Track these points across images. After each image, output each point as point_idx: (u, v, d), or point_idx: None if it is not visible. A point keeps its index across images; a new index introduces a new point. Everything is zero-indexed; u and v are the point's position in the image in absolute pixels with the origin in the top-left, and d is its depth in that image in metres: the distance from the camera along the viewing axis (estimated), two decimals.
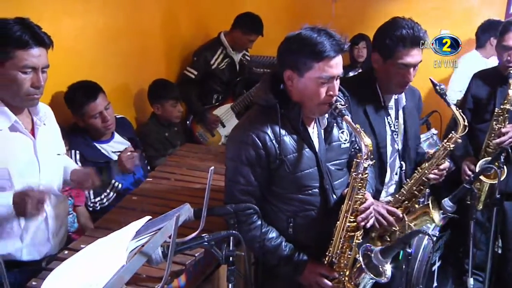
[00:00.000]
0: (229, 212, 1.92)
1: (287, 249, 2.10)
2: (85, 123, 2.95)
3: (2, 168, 2.01)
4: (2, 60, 1.96)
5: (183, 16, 4.42)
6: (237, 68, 4.30)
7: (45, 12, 2.88)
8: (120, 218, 2.29)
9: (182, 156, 3.14)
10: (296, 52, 1.98)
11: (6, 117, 2.04)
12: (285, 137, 2.04)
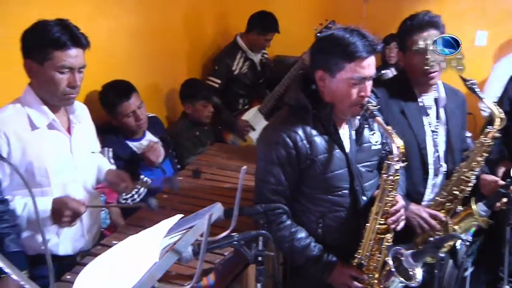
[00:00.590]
0: (259, 212, 1.92)
1: (316, 250, 2.09)
2: (118, 121, 3.01)
3: (40, 165, 2.07)
4: (41, 60, 2.01)
5: (215, 16, 4.46)
6: (259, 69, 4.28)
7: (81, 13, 2.95)
8: (151, 215, 2.32)
9: (212, 155, 3.15)
10: (328, 53, 1.97)
11: (45, 116, 2.10)
12: (316, 138, 2.04)
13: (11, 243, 1.75)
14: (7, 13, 2.50)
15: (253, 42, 4.16)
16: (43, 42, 2.00)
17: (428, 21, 2.29)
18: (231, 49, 4.19)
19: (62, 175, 2.15)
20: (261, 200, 2.06)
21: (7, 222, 1.79)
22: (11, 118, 2.06)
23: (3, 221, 1.78)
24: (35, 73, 2.06)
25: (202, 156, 3.16)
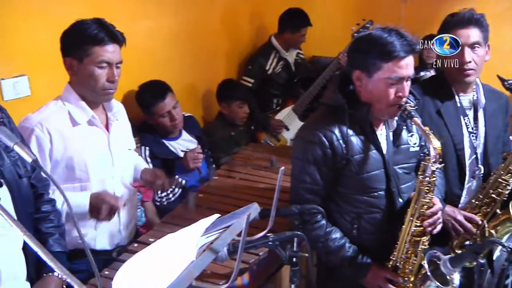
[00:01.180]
0: (294, 212, 1.92)
1: (350, 251, 2.08)
2: (154, 121, 3.04)
3: (80, 160, 2.12)
4: (81, 57, 2.06)
5: (252, 17, 4.46)
6: (293, 69, 4.26)
7: (122, 13, 3.00)
8: (186, 214, 2.35)
9: (247, 155, 3.16)
10: (365, 52, 1.96)
11: (85, 112, 2.14)
12: (352, 137, 2.02)
13: (54, 243, 1.77)
14: (51, 15, 2.57)
15: (289, 42, 4.15)
16: (82, 39, 2.05)
17: (470, 18, 2.24)
18: (265, 49, 4.19)
19: (101, 170, 2.19)
20: (296, 198, 2.07)
21: (52, 222, 1.81)
22: (53, 115, 2.11)
23: (48, 221, 1.80)
24: (75, 70, 2.10)
25: (237, 156, 3.17)
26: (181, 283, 0.98)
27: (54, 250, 1.75)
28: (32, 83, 2.55)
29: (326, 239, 2.06)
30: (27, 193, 1.67)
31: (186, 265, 1.04)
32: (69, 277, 1.14)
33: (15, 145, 1.27)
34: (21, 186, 1.62)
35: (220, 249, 1.12)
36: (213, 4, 3.93)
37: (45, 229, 1.78)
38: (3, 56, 2.40)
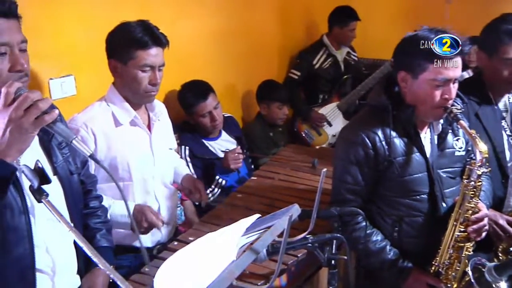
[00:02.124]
0: (333, 215, 1.89)
1: (391, 253, 2.05)
2: (195, 121, 3.07)
3: (123, 160, 2.16)
4: (125, 60, 2.10)
5: (295, 17, 4.46)
6: (342, 67, 4.24)
7: (164, 16, 3.03)
8: (225, 214, 2.36)
9: (286, 156, 3.15)
10: (411, 53, 1.94)
11: (127, 113, 2.18)
12: (395, 139, 2.00)
13: (102, 238, 1.80)
14: (97, 17, 2.62)
15: (339, 38, 4.16)
16: (126, 42, 2.09)
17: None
18: (315, 46, 4.23)
19: (142, 170, 2.23)
20: (337, 198, 2.07)
21: (100, 217, 1.85)
22: (98, 116, 2.16)
23: (96, 216, 1.84)
24: (119, 73, 2.15)
25: (276, 157, 3.17)
26: (222, 283, 0.98)
27: (102, 245, 1.78)
28: (78, 83, 2.60)
29: (367, 240, 2.05)
30: (77, 189, 1.70)
31: (226, 264, 1.04)
32: (112, 272, 1.16)
33: (74, 140, 1.29)
34: (72, 182, 1.65)
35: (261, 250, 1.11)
36: (255, 5, 3.94)
37: (93, 224, 1.81)
38: (51, 57, 2.46)
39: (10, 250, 1.41)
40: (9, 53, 1.36)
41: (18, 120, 1.25)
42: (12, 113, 1.25)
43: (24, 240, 1.44)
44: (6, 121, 1.25)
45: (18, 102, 1.25)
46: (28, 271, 1.47)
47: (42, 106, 1.26)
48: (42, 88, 2.44)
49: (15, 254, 1.43)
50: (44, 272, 1.54)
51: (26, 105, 1.25)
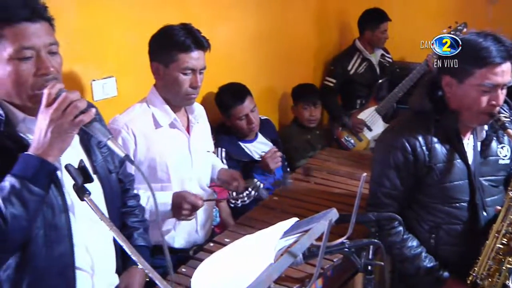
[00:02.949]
0: (370, 220, 1.88)
1: (426, 260, 2.02)
2: (231, 123, 3.09)
3: (162, 161, 2.19)
4: (167, 62, 2.13)
5: (331, 21, 4.44)
6: (377, 70, 4.20)
7: (203, 18, 3.06)
8: (261, 216, 2.36)
9: (323, 159, 3.14)
10: (457, 57, 1.89)
11: (167, 115, 2.21)
12: (437, 145, 1.97)
13: (139, 237, 1.81)
14: (138, 20, 2.67)
15: (372, 41, 4.12)
16: (169, 45, 2.12)
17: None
18: (348, 51, 4.20)
19: (180, 172, 2.26)
20: (374, 202, 2.05)
21: (137, 216, 1.86)
22: (138, 117, 2.19)
23: (133, 215, 1.85)
24: (161, 75, 2.18)
25: (313, 160, 3.16)
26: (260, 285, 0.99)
27: (139, 244, 1.79)
28: (119, 85, 2.65)
29: (402, 246, 2.03)
30: (116, 188, 1.72)
31: (264, 267, 1.04)
32: (150, 272, 1.18)
33: (108, 140, 1.32)
34: (111, 181, 1.67)
35: (299, 253, 1.12)
36: (293, 8, 3.94)
37: (131, 223, 1.83)
38: (94, 59, 2.52)
39: (51, 248, 1.44)
40: (35, 56, 1.36)
41: (58, 120, 1.29)
42: (53, 113, 1.29)
43: (65, 239, 1.47)
44: (47, 122, 1.30)
45: (58, 103, 1.30)
46: (69, 269, 1.50)
47: (80, 106, 1.31)
48: (84, 90, 2.50)
49: (56, 252, 1.45)
50: (83, 270, 1.56)
51: (65, 105, 1.29)
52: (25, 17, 1.34)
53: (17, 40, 1.33)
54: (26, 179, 1.29)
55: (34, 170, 1.30)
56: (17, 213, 1.28)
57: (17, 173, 1.30)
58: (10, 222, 1.28)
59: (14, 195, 1.28)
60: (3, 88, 1.38)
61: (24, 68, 1.35)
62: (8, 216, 1.27)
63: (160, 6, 2.81)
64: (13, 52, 1.33)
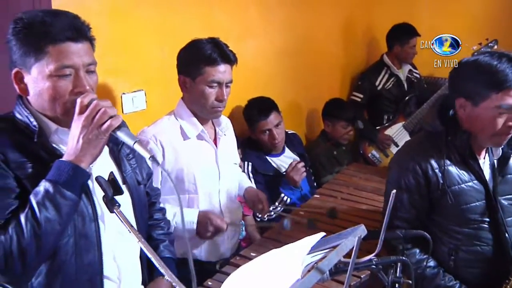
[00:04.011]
0: (398, 237, 1.85)
1: (445, 279, 1.96)
2: (256, 136, 3.11)
3: (189, 173, 2.21)
4: (194, 76, 2.16)
5: (360, 36, 4.44)
6: (405, 86, 4.17)
7: (231, 33, 3.10)
8: (287, 231, 2.34)
9: (350, 175, 3.12)
10: (471, 80, 1.83)
11: (195, 127, 2.23)
12: (450, 167, 1.91)
13: (165, 249, 1.83)
14: (167, 35, 2.71)
15: (400, 56, 4.10)
16: (196, 59, 2.15)
17: None
18: (376, 66, 4.19)
19: (208, 184, 2.27)
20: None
21: (163, 229, 1.88)
22: (166, 129, 2.22)
23: (159, 228, 1.87)
24: (188, 88, 2.21)
25: (339, 175, 3.14)
26: None
27: (165, 255, 1.81)
28: (148, 98, 2.69)
29: (418, 267, 1.95)
30: (143, 199, 1.74)
31: (291, 283, 1.04)
32: (178, 284, 1.20)
33: (135, 144, 1.34)
34: (139, 192, 1.69)
35: (326, 269, 1.10)
36: (320, 23, 3.95)
37: (157, 236, 1.84)
38: (124, 73, 2.56)
39: (81, 256, 1.47)
40: (73, 75, 1.41)
41: (89, 126, 1.34)
42: (84, 120, 1.35)
43: (94, 247, 1.49)
44: (80, 129, 1.35)
45: (89, 110, 1.35)
46: (97, 278, 1.52)
47: (110, 112, 1.35)
48: (114, 103, 2.54)
49: (85, 260, 1.48)
50: (111, 279, 1.57)
51: (95, 111, 1.35)
52: (70, 37, 1.39)
53: (59, 59, 1.38)
54: (59, 184, 1.33)
55: (67, 175, 1.34)
56: (50, 217, 1.32)
57: (51, 178, 1.34)
58: (44, 225, 1.31)
59: (48, 199, 1.32)
60: (39, 100, 1.43)
61: (62, 84, 1.40)
62: (42, 220, 1.31)
63: (189, 21, 2.85)
64: (54, 69, 1.38)
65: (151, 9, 2.65)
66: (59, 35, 1.38)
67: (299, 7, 3.68)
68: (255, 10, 3.34)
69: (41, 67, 1.38)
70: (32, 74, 1.40)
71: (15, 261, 1.30)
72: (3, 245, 1.29)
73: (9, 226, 1.31)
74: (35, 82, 1.41)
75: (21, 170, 1.38)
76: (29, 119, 1.44)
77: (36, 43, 1.37)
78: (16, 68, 1.42)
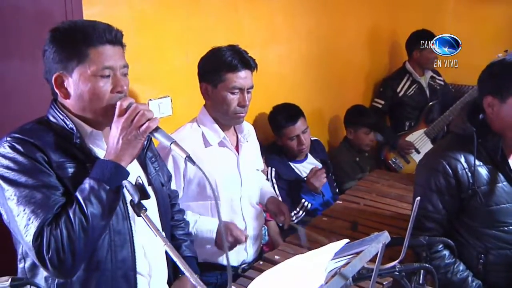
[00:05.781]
0: (421, 244, 1.84)
1: (473, 284, 1.95)
2: (282, 143, 3.11)
3: (211, 180, 2.20)
4: (215, 83, 2.17)
5: (383, 44, 4.42)
6: (427, 93, 4.13)
7: (256, 39, 3.13)
8: (310, 236, 2.34)
9: (372, 181, 3.11)
10: (499, 77, 1.87)
11: (217, 134, 2.25)
12: (480, 168, 1.93)
13: (186, 248, 1.87)
14: (193, 44, 2.73)
15: (420, 61, 4.07)
16: (217, 66, 2.16)
17: None
18: (398, 73, 4.18)
19: (229, 190, 2.27)
20: (417, 225, 1.96)
21: (184, 229, 1.93)
22: (188, 136, 2.23)
23: (180, 228, 1.92)
24: (210, 95, 2.22)
25: (362, 182, 3.14)
26: None
27: (187, 255, 1.85)
28: (174, 104, 2.71)
29: (447, 270, 1.96)
30: (167, 201, 1.79)
31: None
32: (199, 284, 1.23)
33: (172, 144, 1.41)
34: (163, 193, 1.74)
35: (350, 276, 1.10)
36: (344, 30, 3.95)
37: (178, 236, 1.89)
38: (151, 80, 2.60)
39: (115, 252, 1.52)
40: (112, 76, 1.48)
41: (128, 128, 1.41)
42: (124, 122, 1.41)
43: (127, 244, 1.55)
44: (119, 130, 1.42)
45: (128, 112, 1.42)
46: (130, 273, 1.57)
47: (148, 115, 1.42)
48: None
49: (119, 256, 1.53)
50: (143, 275, 1.63)
51: (134, 114, 1.41)
52: (109, 40, 1.47)
53: (100, 60, 1.45)
54: (103, 181, 1.39)
55: (109, 173, 1.40)
56: (96, 212, 1.38)
57: (95, 176, 1.40)
58: (91, 220, 1.37)
59: (94, 196, 1.38)
60: (80, 102, 1.49)
61: (102, 84, 1.46)
62: (89, 215, 1.37)
63: (215, 30, 2.87)
64: (96, 70, 1.45)
65: (176, 18, 2.69)
66: (99, 39, 1.45)
67: (324, 15, 3.69)
68: (281, 17, 3.36)
69: (83, 69, 1.45)
70: (74, 77, 1.46)
71: (67, 255, 1.35)
72: (54, 240, 1.34)
73: (59, 221, 1.36)
74: (76, 84, 1.47)
75: (61, 170, 1.44)
76: (65, 122, 1.50)
77: (78, 47, 1.45)
78: (57, 73, 1.47)
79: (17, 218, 1.38)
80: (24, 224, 1.36)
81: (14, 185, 1.39)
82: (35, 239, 1.34)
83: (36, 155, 1.41)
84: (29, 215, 1.36)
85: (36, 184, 1.39)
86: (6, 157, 1.41)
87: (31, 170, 1.40)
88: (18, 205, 1.38)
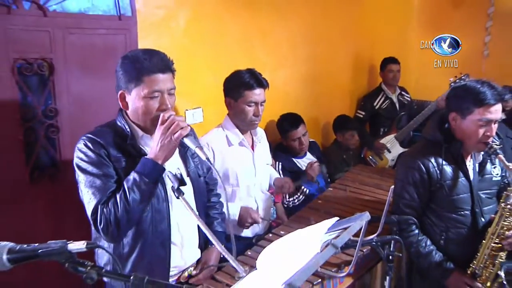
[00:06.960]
0: (393, 221, 1.86)
1: (436, 256, 1.97)
2: (287, 143, 3.10)
3: (233, 171, 2.22)
4: (236, 98, 2.18)
5: (364, 67, 4.39)
6: (397, 106, 4.11)
7: (268, 63, 3.13)
8: (308, 215, 2.34)
9: (356, 173, 3.09)
10: (461, 98, 1.89)
11: (237, 136, 2.25)
12: (446, 166, 1.94)
13: (218, 225, 1.87)
14: (219, 65, 2.73)
15: (384, 80, 4.09)
16: (237, 85, 2.16)
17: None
18: (375, 91, 4.17)
19: (247, 179, 2.28)
20: (397, 210, 2.02)
21: (217, 210, 1.92)
22: (215, 138, 2.24)
23: (215, 209, 1.91)
24: (232, 107, 2.22)
25: (348, 174, 3.11)
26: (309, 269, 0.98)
27: (217, 230, 1.85)
28: (205, 113, 2.72)
29: (418, 245, 1.99)
30: (203, 188, 1.80)
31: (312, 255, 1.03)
32: (224, 252, 1.27)
33: (196, 148, 1.43)
34: (199, 182, 1.75)
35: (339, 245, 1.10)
36: (335, 57, 3.93)
37: (212, 214, 1.89)
38: (188, 94, 2.61)
39: (155, 226, 1.55)
40: (160, 96, 1.50)
41: (165, 134, 1.43)
42: (163, 129, 1.44)
43: (165, 220, 1.57)
44: (160, 135, 1.44)
45: (167, 123, 1.44)
46: (166, 242, 1.59)
47: (181, 124, 1.44)
48: None
49: (159, 229, 1.56)
50: (176, 244, 1.65)
51: (171, 123, 1.43)
52: (159, 69, 1.49)
53: (151, 86, 1.48)
54: (143, 175, 1.42)
55: (149, 169, 1.43)
56: (136, 198, 1.41)
57: (138, 170, 1.44)
58: (132, 204, 1.41)
59: (135, 185, 1.41)
60: (135, 114, 1.53)
61: (152, 103, 1.49)
62: (131, 200, 1.41)
63: (235, 56, 2.88)
64: (147, 93, 1.48)
65: (206, 48, 2.70)
66: (152, 69, 1.47)
67: (319, 44, 3.67)
68: (286, 47, 3.35)
69: (138, 91, 1.48)
70: (132, 95, 1.50)
71: (113, 228, 1.40)
72: (104, 216, 1.39)
73: (109, 202, 1.41)
74: (133, 101, 1.50)
75: (117, 163, 1.48)
76: (124, 126, 1.54)
77: (136, 74, 1.47)
78: (121, 90, 1.52)
79: (84, 196, 1.44)
80: (87, 202, 1.43)
81: (84, 172, 1.45)
82: (92, 214, 1.41)
83: (100, 151, 1.46)
84: (90, 196, 1.42)
85: (98, 173, 1.44)
86: (81, 151, 1.46)
87: (96, 163, 1.44)
88: (85, 187, 1.44)
